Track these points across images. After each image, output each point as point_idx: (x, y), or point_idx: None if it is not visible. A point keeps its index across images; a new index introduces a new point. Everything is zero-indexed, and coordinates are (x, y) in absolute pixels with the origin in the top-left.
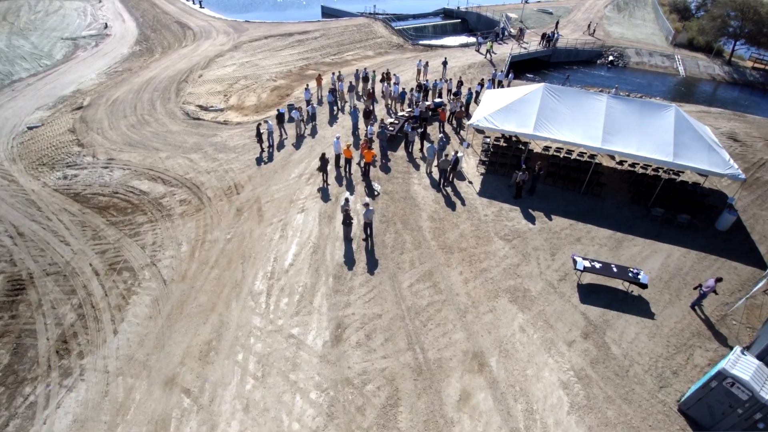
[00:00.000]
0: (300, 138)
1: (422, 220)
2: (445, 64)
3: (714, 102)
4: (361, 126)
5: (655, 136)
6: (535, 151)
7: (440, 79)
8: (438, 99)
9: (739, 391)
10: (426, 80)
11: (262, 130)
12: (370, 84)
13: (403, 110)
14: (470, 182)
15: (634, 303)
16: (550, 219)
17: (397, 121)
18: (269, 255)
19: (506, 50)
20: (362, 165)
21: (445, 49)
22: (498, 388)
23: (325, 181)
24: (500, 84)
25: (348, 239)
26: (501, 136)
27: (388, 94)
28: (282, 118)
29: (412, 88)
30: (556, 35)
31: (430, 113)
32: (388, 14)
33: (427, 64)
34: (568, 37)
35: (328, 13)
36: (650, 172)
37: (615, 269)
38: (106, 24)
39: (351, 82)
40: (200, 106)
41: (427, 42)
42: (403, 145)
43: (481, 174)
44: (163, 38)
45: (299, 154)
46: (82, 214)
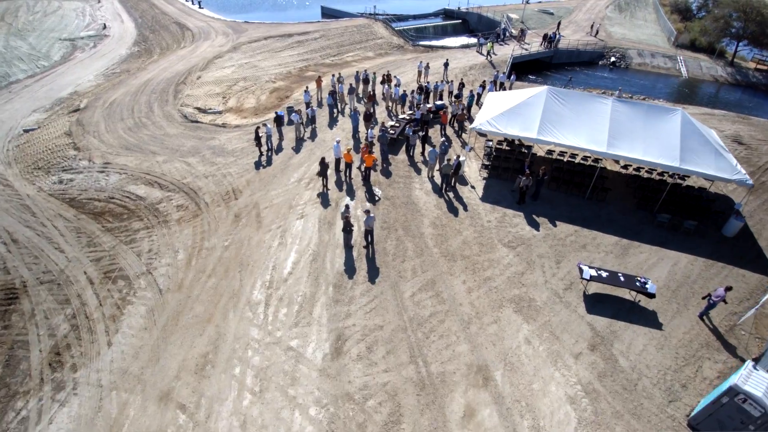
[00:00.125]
0: (299, 141)
1: (424, 226)
2: (447, 65)
3: (717, 104)
4: (362, 129)
5: (661, 140)
6: (538, 155)
7: (441, 80)
8: (439, 101)
9: (751, 408)
10: (427, 82)
11: (260, 134)
12: (370, 86)
13: (404, 113)
14: (473, 187)
15: (641, 313)
16: (555, 225)
17: (398, 124)
18: (268, 263)
19: (507, 51)
20: (363, 169)
21: (446, 50)
22: (503, 404)
23: (324, 185)
24: (502, 86)
25: (348, 247)
26: (503, 139)
27: (388, 96)
28: (280, 120)
29: (413, 90)
30: (557, 36)
31: (432, 116)
32: (388, 15)
33: (428, 66)
34: (570, 38)
35: (327, 13)
36: (655, 176)
37: (622, 278)
38: (105, 25)
39: (351, 84)
40: (198, 109)
41: (427, 43)
42: (404, 148)
43: (484, 178)
44: (161, 39)
45: (298, 158)
46: (77, 220)
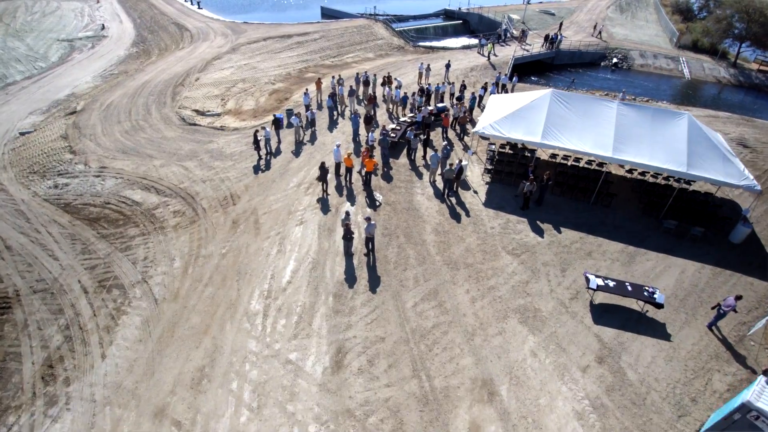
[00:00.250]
0: (299, 145)
1: (426, 233)
2: (449, 66)
3: (720, 105)
4: (362, 132)
5: (667, 145)
6: (541, 159)
7: (442, 82)
8: (440, 104)
9: (764, 425)
10: (428, 84)
11: (259, 137)
12: (371, 88)
13: (405, 115)
14: (475, 192)
15: (649, 323)
16: (560, 232)
17: (398, 127)
18: (266, 272)
19: (509, 52)
20: (363, 174)
21: (447, 51)
22: (509, 420)
23: (324, 191)
24: (504, 87)
25: (349, 254)
26: (506, 143)
27: (389, 98)
28: (278, 123)
29: (414, 93)
30: (559, 37)
31: (433, 119)
32: (388, 15)
33: (428, 67)
34: (571, 38)
35: (327, 14)
36: (661, 181)
37: (630, 288)
38: (103, 25)
39: (351, 86)
40: (196, 111)
41: (428, 44)
42: (405, 152)
43: (487, 183)
44: (160, 40)
45: (298, 162)
46: (72, 226)
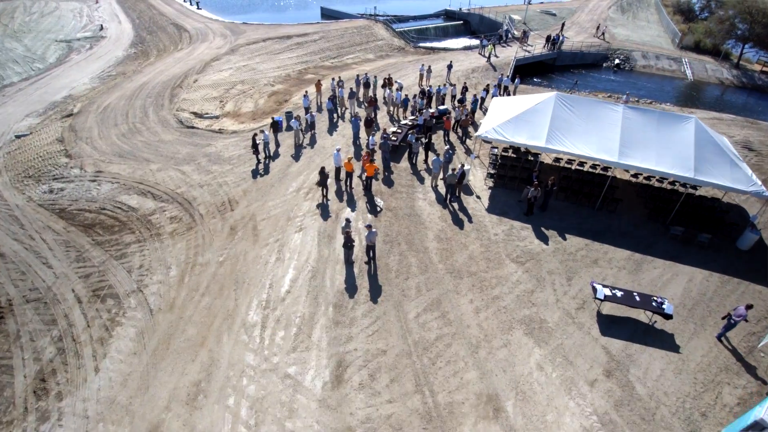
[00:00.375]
0: (298, 148)
1: (428, 240)
2: (450, 67)
3: (724, 107)
4: (362, 135)
5: (674, 149)
6: (545, 163)
7: (444, 84)
8: (442, 106)
9: None
10: (429, 85)
11: (258, 141)
12: (371, 90)
13: (406, 117)
14: (478, 197)
15: (657, 334)
16: (565, 238)
17: (400, 131)
18: (264, 280)
19: (510, 53)
20: (364, 179)
21: (448, 52)
22: None
23: (324, 196)
24: (506, 89)
25: (349, 263)
26: (509, 146)
27: (390, 100)
28: (276, 126)
29: (415, 95)
30: (561, 38)
31: (434, 121)
32: (388, 16)
33: (429, 69)
34: (573, 39)
35: (327, 14)
36: (666, 185)
37: (638, 298)
38: (102, 26)
39: (351, 88)
40: (195, 113)
41: (429, 44)
42: (406, 155)
43: (489, 188)
44: (158, 41)
45: (297, 166)
46: (66, 233)
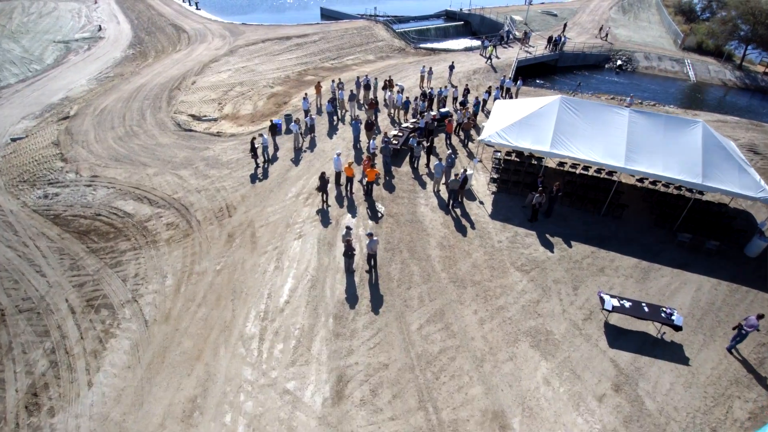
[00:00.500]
0: (298, 152)
1: (431, 247)
2: (452, 68)
3: (727, 109)
4: (363, 138)
5: (682, 154)
6: (549, 167)
7: (445, 86)
8: (443, 109)
9: None
10: (430, 87)
11: (256, 144)
12: (372, 92)
13: (407, 120)
14: (481, 202)
15: (666, 346)
16: (570, 246)
17: (401, 134)
18: (263, 290)
19: (511, 54)
20: (365, 184)
21: (449, 53)
22: None
23: (324, 201)
24: (508, 91)
25: (350, 271)
26: (513, 150)
27: (391, 103)
28: (275, 129)
29: (416, 97)
30: (563, 39)
31: (436, 124)
32: (388, 16)
33: (431, 70)
34: (575, 40)
35: (327, 15)
36: (672, 190)
37: (646, 309)
38: (100, 26)
39: (352, 90)
40: (192, 116)
41: (429, 45)
42: (407, 159)
43: (492, 193)
44: (157, 41)
45: (297, 171)
46: (61, 240)
